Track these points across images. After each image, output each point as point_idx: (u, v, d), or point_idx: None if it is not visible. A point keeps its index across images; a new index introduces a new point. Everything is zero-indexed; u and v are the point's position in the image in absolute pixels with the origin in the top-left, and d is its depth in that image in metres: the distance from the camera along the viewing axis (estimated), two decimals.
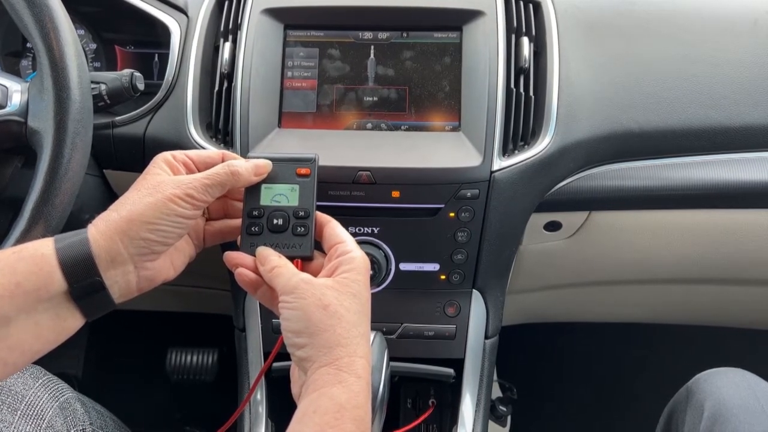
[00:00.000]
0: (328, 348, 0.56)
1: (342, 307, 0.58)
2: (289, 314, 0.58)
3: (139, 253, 0.59)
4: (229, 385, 0.98)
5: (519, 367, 1.40)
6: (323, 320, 0.57)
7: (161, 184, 0.60)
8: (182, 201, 0.59)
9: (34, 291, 0.55)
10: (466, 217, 0.83)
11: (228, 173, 0.63)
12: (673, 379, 0.93)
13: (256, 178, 0.66)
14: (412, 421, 0.94)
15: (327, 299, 0.58)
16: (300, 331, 0.57)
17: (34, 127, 0.69)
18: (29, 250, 0.57)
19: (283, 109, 0.86)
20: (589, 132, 0.87)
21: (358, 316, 0.59)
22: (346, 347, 0.57)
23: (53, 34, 0.66)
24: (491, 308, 0.92)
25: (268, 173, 0.67)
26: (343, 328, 0.57)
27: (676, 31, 0.95)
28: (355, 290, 0.60)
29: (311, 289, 0.58)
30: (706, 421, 0.77)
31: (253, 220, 0.66)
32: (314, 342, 0.57)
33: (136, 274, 0.60)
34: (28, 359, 0.57)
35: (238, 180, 0.64)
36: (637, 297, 1.23)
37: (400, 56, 0.87)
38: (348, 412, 0.53)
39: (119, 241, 0.58)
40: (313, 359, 0.57)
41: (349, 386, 0.55)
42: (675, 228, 0.98)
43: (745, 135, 0.90)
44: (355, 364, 0.56)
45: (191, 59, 0.90)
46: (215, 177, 0.62)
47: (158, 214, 0.59)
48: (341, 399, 0.54)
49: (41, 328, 0.56)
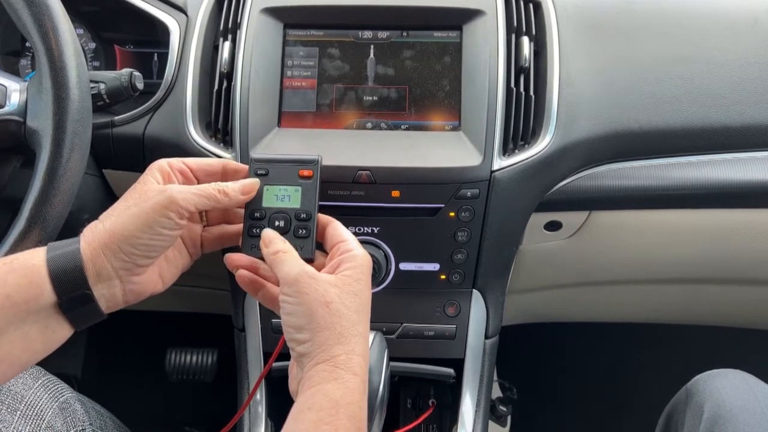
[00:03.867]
0: (327, 346, 0.56)
1: (343, 305, 0.58)
2: (291, 309, 0.58)
3: (123, 267, 0.58)
4: (229, 386, 0.98)
5: (519, 367, 1.39)
6: (325, 317, 0.57)
7: (146, 193, 0.60)
8: (165, 210, 0.58)
9: (24, 303, 0.55)
10: (466, 217, 0.83)
11: (218, 192, 0.62)
12: (672, 380, 0.93)
13: (243, 197, 0.65)
14: (412, 421, 0.94)
15: (329, 296, 0.57)
16: (302, 327, 0.57)
17: (32, 127, 0.69)
18: (20, 261, 0.56)
19: (283, 109, 0.86)
20: (590, 131, 0.87)
21: (358, 314, 0.59)
22: (345, 345, 0.57)
23: (52, 34, 0.66)
24: (491, 308, 0.92)
25: (263, 167, 0.67)
26: (343, 326, 0.57)
27: (677, 30, 0.94)
28: (356, 289, 0.59)
29: (314, 284, 0.58)
30: (706, 422, 0.77)
31: (254, 221, 0.66)
32: (315, 339, 0.56)
33: (121, 288, 0.59)
34: (16, 370, 0.57)
35: (229, 201, 0.63)
36: (637, 297, 1.23)
37: (400, 55, 0.86)
38: (343, 408, 0.53)
39: (103, 254, 0.57)
40: (311, 356, 0.56)
41: (345, 383, 0.55)
42: (675, 228, 0.98)
43: (746, 134, 0.90)
44: (351, 362, 0.56)
45: (191, 59, 0.89)
46: (204, 191, 0.61)
47: (140, 227, 0.57)
48: (336, 395, 0.54)
49: (30, 340, 0.56)
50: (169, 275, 0.64)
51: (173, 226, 0.59)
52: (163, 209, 0.58)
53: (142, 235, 0.58)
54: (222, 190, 0.63)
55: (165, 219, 0.58)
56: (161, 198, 0.58)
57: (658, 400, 0.94)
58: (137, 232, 0.57)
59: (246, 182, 0.66)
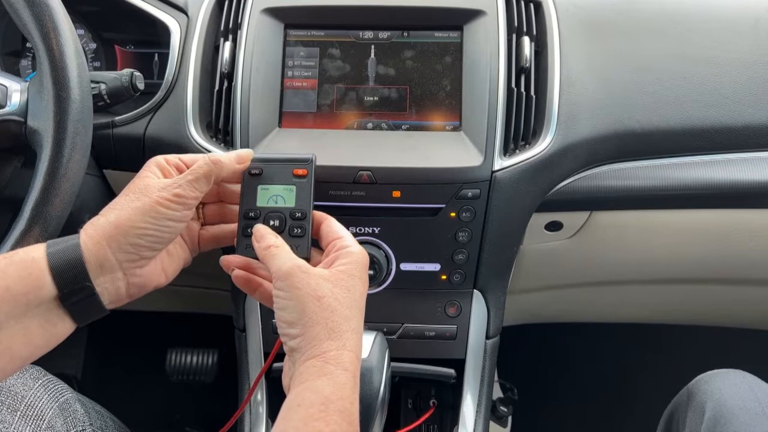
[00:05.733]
0: (318, 341, 0.56)
1: (336, 300, 0.57)
2: (283, 304, 0.58)
3: (127, 260, 0.58)
4: (229, 386, 0.98)
5: (520, 367, 1.39)
6: (317, 312, 0.56)
7: (148, 187, 0.60)
8: (170, 202, 0.59)
9: (24, 296, 0.54)
10: (467, 217, 0.83)
11: (209, 163, 0.62)
12: (674, 380, 0.93)
13: (239, 165, 0.65)
14: (413, 421, 0.94)
15: (321, 291, 0.57)
16: (293, 321, 0.57)
17: (33, 127, 0.69)
18: (20, 254, 0.56)
19: (284, 109, 0.86)
20: (591, 131, 0.87)
21: (351, 310, 0.58)
22: (336, 341, 0.56)
23: (53, 34, 0.66)
24: (492, 308, 0.92)
25: (257, 167, 0.67)
26: (335, 321, 0.57)
27: (678, 30, 0.94)
28: (349, 284, 0.59)
29: (306, 278, 0.58)
30: (707, 422, 0.77)
31: (249, 221, 0.66)
32: (306, 334, 0.56)
33: (125, 281, 0.59)
34: (17, 365, 0.57)
35: (221, 168, 0.63)
36: (638, 297, 1.23)
37: (401, 56, 0.86)
38: (333, 404, 0.53)
39: (107, 246, 0.57)
40: (302, 351, 0.56)
41: (335, 378, 0.54)
42: (676, 228, 0.98)
43: (747, 135, 0.90)
44: (342, 357, 0.56)
45: (191, 59, 0.89)
46: (197, 170, 0.62)
47: (146, 218, 0.58)
48: (326, 391, 0.53)
49: (31, 334, 0.56)
50: (171, 269, 0.65)
51: (178, 218, 0.60)
52: (168, 202, 0.59)
53: (148, 226, 0.58)
54: (214, 159, 0.63)
55: (170, 211, 0.59)
56: (166, 192, 0.59)
57: (660, 401, 0.94)
58: (143, 223, 0.58)
59: (241, 151, 0.66)
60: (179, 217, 0.60)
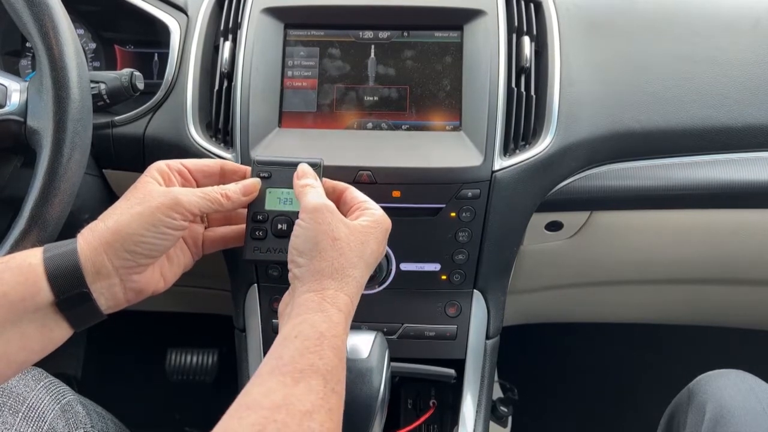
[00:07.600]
0: (321, 276, 0.58)
1: (348, 246, 0.60)
2: (300, 233, 0.60)
3: (124, 266, 0.58)
4: (230, 386, 0.97)
5: (520, 367, 1.39)
6: (327, 250, 0.59)
7: (150, 193, 0.60)
8: (171, 211, 0.59)
9: (21, 301, 0.54)
10: (467, 217, 0.83)
11: (221, 195, 0.63)
12: (674, 381, 0.93)
13: (245, 198, 0.66)
14: (413, 421, 0.94)
15: (339, 233, 0.60)
16: (304, 251, 0.60)
17: (33, 127, 0.69)
18: (17, 260, 0.56)
19: (284, 109, 0.86)
20: (591, 131, 0.87)
21: (359, 260, 0.61)
22: (337, 282, 0.59)
23: (52, 34, 0.66)
24: (492, 308, 0.92)
25: (266, 170, 0.68)
26: (341, 264, 0.59)
27: (678, 30, 0.94)
28: (365, 239, 0.61)
29: (330, 217, 0.60)
30: (708, 423, 0.77)
31: (257, 224, 0.66)
32: (311, 265, 0.59)
33: (122, 287, 0.59)
34: (14, 370, 0.57)
35: (232, 204, 0.64)
36: (638, 297, 1.23)
37: (401, 55, 0.86)
38: (327, 340, 0.55)
39: (104, 253, 0.57)
40: (304, 281, 0.59)
41: (330, 317, 0.57)
42: (677, 228, 0.98)
43: (747, 135, 0.90)
44: (338, 299, 0.58)
45: (191, 59, 0.89)
46: (208, 194, 0.62)
47: (145, 225, 0.58)
48: (322, 328, 0.56)
49: (28, 339, 0.56)
50: (171, 274, 0.65)
51: (177, 227, 0.60)
52: (168, 210, 0.59)
53: (146, 233, 0.58)
54: (224, 193, 0.64)
55: (170, 219, 0.59)
56: (166, 199, 0.59)
57: (660, 401, 0.94)
58: (141, 230, 0.58)
59: (246, 183, 0.66)
60: (177, 227, 0.60)
